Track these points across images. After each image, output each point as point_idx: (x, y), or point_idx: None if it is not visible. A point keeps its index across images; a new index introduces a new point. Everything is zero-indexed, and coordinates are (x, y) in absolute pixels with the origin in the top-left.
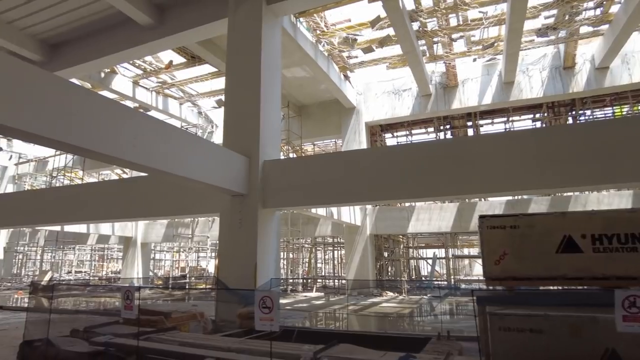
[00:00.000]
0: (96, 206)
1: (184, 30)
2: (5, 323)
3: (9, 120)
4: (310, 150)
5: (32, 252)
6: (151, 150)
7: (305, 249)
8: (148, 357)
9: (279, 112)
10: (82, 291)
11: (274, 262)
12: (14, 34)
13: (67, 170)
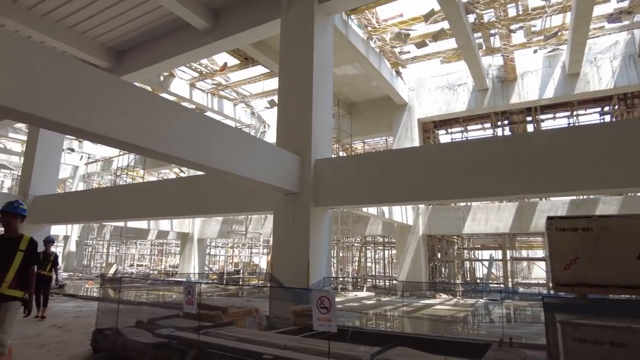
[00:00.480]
0: (156, 203)
1: (238, 32)
2: (79, 310)
3: (81, 123)
4: (360, 149)
5: (100, 246)
6: (209, 150)
7: (355, 248)
8: (207, 352)
9: (330, 111)
10: (143, 284)
11: (326, 261)
12: (85, 43)
13: (129, 169)
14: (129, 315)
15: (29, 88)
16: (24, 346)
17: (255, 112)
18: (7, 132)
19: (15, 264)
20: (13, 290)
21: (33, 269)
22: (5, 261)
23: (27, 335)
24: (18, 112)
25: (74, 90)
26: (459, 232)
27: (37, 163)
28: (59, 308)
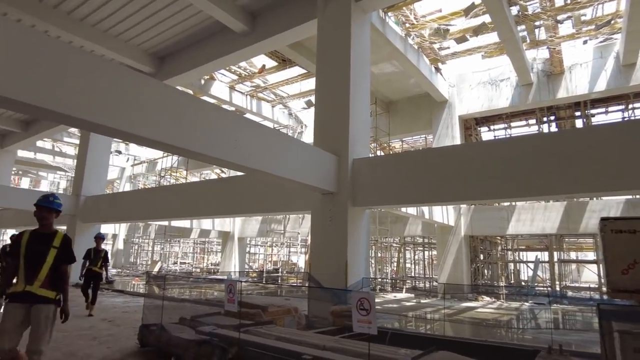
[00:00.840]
0: (198, 203)
1: (275, 34)
2: (126, 306)
3: (128, 127)
4: (398, 148)
5: (145, 244)
6: (249, 151)
7: (394, 249)
8: (248, 350)
9: (368, 110)
10: (186, 281)
11: (364, 261)
12: (130, 50)
13: (173, 170)
14: (172, 312)
15: (82, 95)
16: (79, 338)
17: (293, 113)
18: (62, 137)
19: (48, 261)
20: (45, 290)
21: (66, 268)
22: (39, 258)
23: (81, 328)
24: (72, 118)
25: (122, 96)
26: (503, 233)
27: (88, 165)
28: (109, 303)
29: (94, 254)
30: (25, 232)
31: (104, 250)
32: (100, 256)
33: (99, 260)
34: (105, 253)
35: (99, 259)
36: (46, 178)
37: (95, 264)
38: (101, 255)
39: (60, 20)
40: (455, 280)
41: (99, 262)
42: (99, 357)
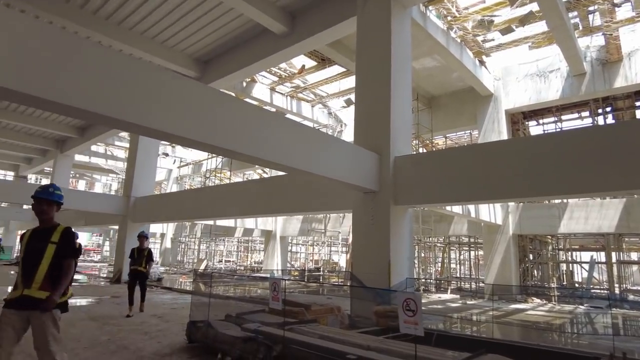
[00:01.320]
0: (241, 203)
1: (315, 34)
2: (174, 302)
3: (176, 129)
4: (441, 144)
5: (192, 243)
6: (290, 150)
7: (438, 248)
8: (292, 348)
9: (409, 107)
10: (231, 279)
11: (408, 261)
12: (176, 55)
13: (217, 171)
14: (218, 309)
15: (133, 100)
16: (131, 332)
17: (332, 112)
18: (114, 141)
19: (46, 259)
20: (44, 292)
21: (70, 262)
22: (36, 257)
23: (133, 323)
24: (124, 122)
25: (170, 100)
26: (554, 232)
27: (137, 167)
28: (158, 300)
29: (138, 253)
30: (28, 230)
31: (147, 249)
32: (143, 255)
33: (143, 259)
34: (149, 252)
35: (143, 258)
36: (100, 180)
37: (140, 263)
38: (144, 254)
39: (112, 30)
40: (503, 281)
41: (143, 261)
42: (150, 351)
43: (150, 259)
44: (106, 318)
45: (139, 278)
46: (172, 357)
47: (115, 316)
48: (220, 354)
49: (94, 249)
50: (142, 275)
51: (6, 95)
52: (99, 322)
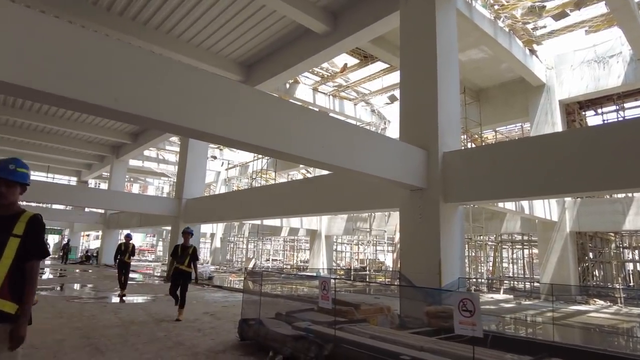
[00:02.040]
0: (287, 203)
1: (357, 31)
2: (225, 300)
3: (224, 131)
4: (491, 138)
5: (240, 242)
6: (336, 149)
7: (489, 247)
8: (343, 347)
9: (457, 100)
10: (278, 277)
11: (459, 260)
12: (221, 61)
13: (263, 172)
14: (267, 307)
15: (184, 104)
16: (185, 329)
17: (375, 109)
18: (165, 145)
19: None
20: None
21: (33, 265)
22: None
23: (187, 320)
24: (177, 126)
25: (218, 103)
26: (618, 229)
27: (188, 170)
28: (209, 298)
29: (182, 250)
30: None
31: (192, 247)
32: (187, 253)
33: (187, 257)
34: (193, 250)
35: (187, 256)
36: (152, 183)
37: (183, 262)
38: (189, 252)
39: (162, 40)
40: (561, 281)
41: (187, 259)
42: (204, 348)
43: (195, 257)
44: (162, 315)
45: (182, 278)
46: (225, 354)
47: (170, 314)
48: (271, 351)
49: (148, 249)
50: (185, 275)
51: (69, 104)
52: (155, 319)
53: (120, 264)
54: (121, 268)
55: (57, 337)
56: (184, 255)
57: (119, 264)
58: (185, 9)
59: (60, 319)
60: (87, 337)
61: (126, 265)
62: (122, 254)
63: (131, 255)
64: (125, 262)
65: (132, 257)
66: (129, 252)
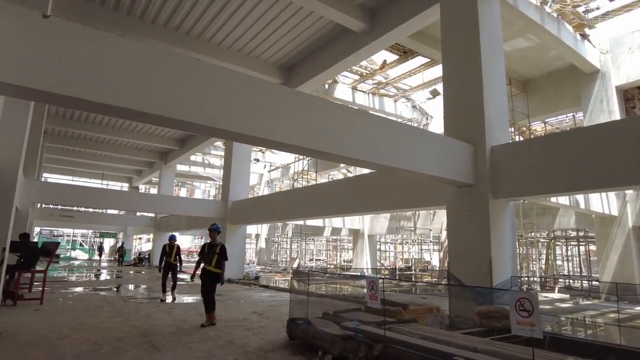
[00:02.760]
0: (328, 203)
1: (396, 26)
2: (272, 300)
3: (268, 134)
4: (540, 130)
5: (283, 242)
6: (379, 147)
7: (541, 244)
8: (393, 347)
9: (504, 92)
10: (322, 277)
11: (511, 258)
12: (261, 65)
13: (304, 173)
14: (313, 306)
15: (228, 109)
16: (235, 328)
17: (417, 105)
18: (210, 150)
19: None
20: None
21: None
22: None
23: (237, 319)
24: (222, 130)
25: (259, 106)
26: None
27: (233, 173)
28: (257, 297)
29: (209, 249)
30: None
31: (219, 245)
32: (215, 252)
33: (214, 256)
34: (221, 248)
35: (214, 255)
36: (199, 187)
37: (210, 261)
38: (216, 250)
39: (204, 48)
40: (623, 280)
41: (214, 258)
42: (254, 347)
43: (223, 256)
44: None
45: (209, 279)
46: (274, 353)
47: (219, 313)
48: (320, 351)
49: (196, 250)
50: (213, 277)
51: (122, 113)
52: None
53: (166, 265)
54: (167, 270)
55: (117, 335)
56: (211, 253)
57: (164, 267)
58: (225, 16)
59: (119, 318)
60: (144, 335)
61: (173, 266)
62: (167, 256)
63: (177, 256)
64: (171, 263)
65: (179, 258)
66: (174, 254)
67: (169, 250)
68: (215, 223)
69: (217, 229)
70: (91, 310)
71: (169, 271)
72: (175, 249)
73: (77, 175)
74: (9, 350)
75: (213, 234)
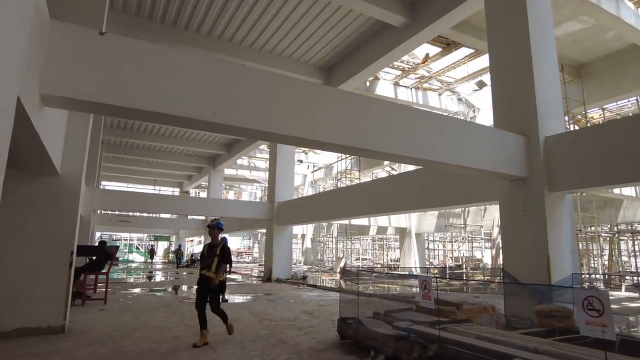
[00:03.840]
0: (373, 201)
1: (438, 18)
2: (321, 299)
3: (313, 134)
4: (597, 118)
5: (329, 242)
6: (425, 142)
7: (603, 239)
8: (448, 348)
9: (557, 79)
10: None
11: (571, 254)
12: (302, 67)
13: (347, 172)
14: (363, 306)
15: (273, 111)
16: (286, 327)
17: (462, 97)
18: (255, 153)
19: None
20: None
21: None
22: None
23: (287, 319)
24: (267, 133)
25: (303, 107)
26: None
27: (278, 175)
28: (305, 297)
29: (208, 250)
30: None
31: (220, 245)
32: (214, 253)
33: (213, 259)
34: (222, 248)
35: (213, 258)
36: (246, 190)
37: (209, 266)
38: (216, 252)
39: (247, 53)
40: None
41: (214, 262)
42: (306, 346)
43: (225, 259)
44: (263, 314)
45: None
46: (327, 352)
47: (270, 312)
48: (372, 351)
49: (245, 251)
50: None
51: (174, 121)
52: (258, 318)
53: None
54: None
55: (174, 334)
56: (211, 256)
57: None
58: (265, 21)
59: (175, 318)
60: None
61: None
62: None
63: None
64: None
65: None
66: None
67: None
68: (216, 218)
69: (218, 225)
70: (149, 310)
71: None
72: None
73: (132, 182)
74: (80, 346)
75: (213, 232)
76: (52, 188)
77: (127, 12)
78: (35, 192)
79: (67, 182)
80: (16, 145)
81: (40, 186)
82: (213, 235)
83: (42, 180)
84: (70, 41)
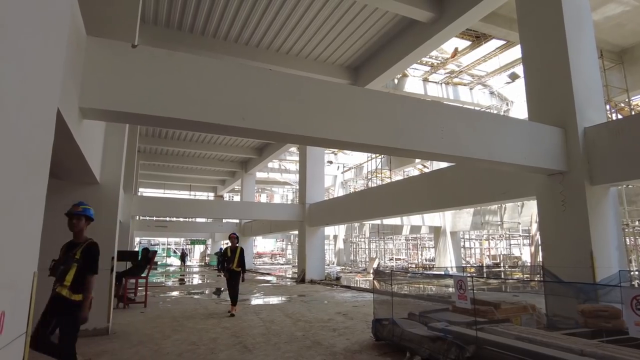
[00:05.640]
0: (405, 200)
1: (466, 11)
2: (354, 300)
3: (343, 135)
4: None
5: (362, 242)
6: (457, 139)
7: None
8: (486, 349)
9: (596, 66)
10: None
11: (616, 251)
12: (329, 68)
13: (378, 172)
14: (397, 307)
15: (301, 114)
16: (321, 329)
17: (495, 90)
18: (285, 156)
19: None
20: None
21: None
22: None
23: (322, 320)
24: (297, 136)
25: (331, 108)
26: None
27: (308, 177)
28: (339, 298)
29: (231, 252)
30: None
31: (239, 248)
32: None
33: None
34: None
35: (235, 257)
36: (277, 192)
37: (232, 262)
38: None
39: (274, 57)
40: None
41: (235, 260)
42: (341, 348)
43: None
44: (297, 315)
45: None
46: (362, 354)
47: (304, 314)
48: (408, 352)
49: (279, 252)
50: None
51: (206, 128)
52: (292, 319)
53: (229, 273)
54: (230, 279)
55: (211, 336)
56: (233, 256)
57: (228, 274)
58: (291, 25)
59: (212, 320)
60: (236, 336)
61: (236, 274)
62: (228, 262)
63: (240, 261)
64: (234, 271)
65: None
66: (236, 258)
67: (230, 255)
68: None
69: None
70: (187, 312)
71: (233, 280)
72: (239, 253)
73: (168, 188)
74: (124, 348)
75: (233, 240)
76: (92, 196)
77: (158, 24)
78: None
79: (106, 190)
80: (58, 157)
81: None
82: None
83: (83, 189)
84: (106, 55)
